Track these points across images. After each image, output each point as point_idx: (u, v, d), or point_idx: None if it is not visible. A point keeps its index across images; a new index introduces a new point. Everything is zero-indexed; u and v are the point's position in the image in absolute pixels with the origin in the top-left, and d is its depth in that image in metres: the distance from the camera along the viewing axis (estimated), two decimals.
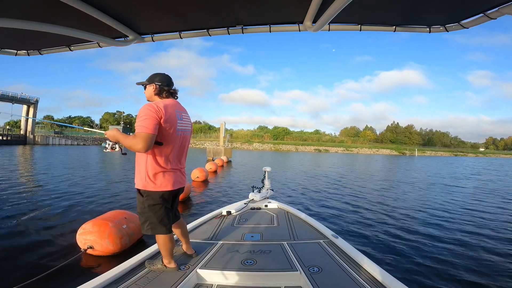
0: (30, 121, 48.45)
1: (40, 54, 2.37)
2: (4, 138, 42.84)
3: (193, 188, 8.39)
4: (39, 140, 47.48)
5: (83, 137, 55.89)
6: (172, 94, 2.01)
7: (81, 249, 3.52)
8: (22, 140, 45.84)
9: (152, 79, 1.96)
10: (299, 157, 36.02)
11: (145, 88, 2.00)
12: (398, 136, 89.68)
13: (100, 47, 2.28)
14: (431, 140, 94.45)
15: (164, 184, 1.85)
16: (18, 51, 2.33)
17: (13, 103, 46.80)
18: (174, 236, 2.28)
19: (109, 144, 1.89)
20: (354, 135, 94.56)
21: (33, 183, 9.02)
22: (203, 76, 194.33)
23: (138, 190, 1.88)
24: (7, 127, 56.95)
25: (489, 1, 1.66)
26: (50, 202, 6.43)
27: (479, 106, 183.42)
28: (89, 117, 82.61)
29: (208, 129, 79.59)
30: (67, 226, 4.67)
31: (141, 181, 1.85)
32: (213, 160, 18.62)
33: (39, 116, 57.17)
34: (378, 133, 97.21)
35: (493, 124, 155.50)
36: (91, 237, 3.50)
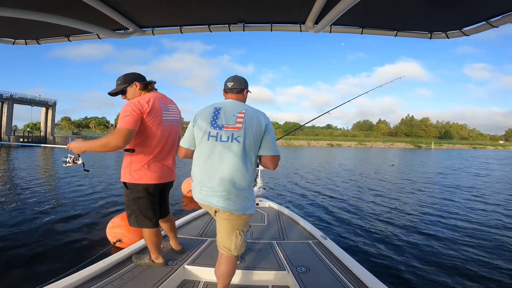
0: (49, 122, 50.07)
1: (38, 43, 2.36)
2: (25, 140, 44.46)
3: None
4: (58, 141, 48.99)
5: (100, 137, 57.05)
6: (153, 86, 2.00)
7: (111, 242, 3.65)
8: (42, 141, 47.41)
9: (130, 80, 1.92)
10: (310, 152, 35.70)
11: (124, 92, 1.94)
12: (413, 129, 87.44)
13: (99, 38, 2.24)
14: (448, 132, 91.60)
15: (149, 176, 1.82)
16: (16, 40, 2.32)
17: (32, 106, 48.43)
18: (163, 232, 2.28)
19: (70, 158, 1.77)
20: (367, 129, 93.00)
21: (64, 182, 9.35)
22: (207, 76, 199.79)
23: (124, 183, 1.86)
24: (27, 129, 59.10)
25: (493, 9, 1.63)
26: (81, 198, 6.71)
27: (486, 98, 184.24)
28: (104, 117, 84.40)
29: None
30: (98, 221, 4.90)
31: (126, 174, 1.84)
32: None
33: (57, 118, 59.00)
34: (392, 126, 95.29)
35: (506, 116, 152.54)
36: (120, 231, 3.63)
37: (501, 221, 5.29)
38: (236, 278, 1.97)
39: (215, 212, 1.65)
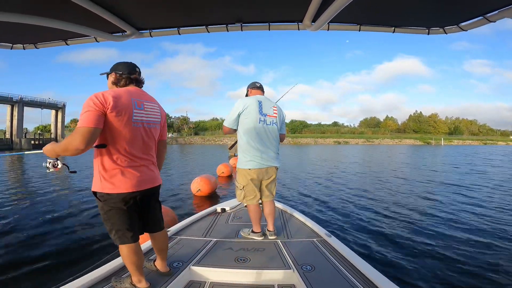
0: (59, 124, 50.96)
1: (36, 48, 2.35)
2: (36, 143, 45.26)
3: (219, 184, 8.52)
4: None
5: None
6: (134, 81, 1.74)
7: None
8: None
9: (114, 68, 1.74)
10: (315, 150, 35.49)
11: (107, 78, 1.78)
12: (421, 125, 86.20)
13: (97, 41, 2.25)
14: (458, 128, 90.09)
15: (125, 184, 1.56)
16: (14, 45, 2.31)
17: (42, 109, 49.42)
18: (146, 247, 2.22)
19: (49, 163, 1.58)
20: (374, 126, 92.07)
21: (74, 180, 9.48)
22: (209, 77, 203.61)
23: (95, 193, 1.58)
24: (38, 131, 60.24)
25: (490, 4, 1.63)
26: (91, 196, 6.74)
27: (491, 94, 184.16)
28: None
29: None
30: None
31: (97, 182, 1.57)
32: (235, 155, 18.78)
33: (67, 120, 60.04)
34: (399, 123, 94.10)
35: None
36: None
37: None
38: (242, 278, 1.98)
39: (267, 172, 2.61)
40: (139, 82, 1.77)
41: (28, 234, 4.21)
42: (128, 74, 1.71)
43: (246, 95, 2.81)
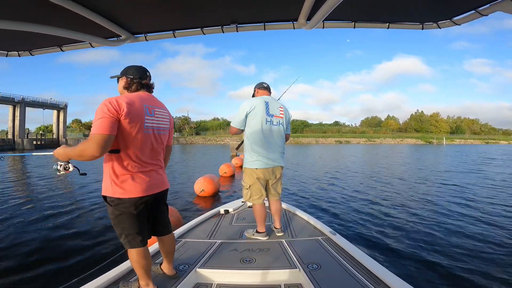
0: (61, 125, 51.12)
1: (31, 55, 2.36)
2: (38, 143, 45.48)
3: (221, 184, 8.51)
4: (71, 143, 49.90)
5: None
6: (145, 86, 1.75)
7: None
8: (55, 144, 48.34)
9: (124, 72, 1.74)
10: (317, 150, 35.46)
11: (118, 82, 1.79)
12: (423, 125, 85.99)
13: (92, 47, 2.24)
14: (459, 127, 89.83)
15: (135, 189, 1.58)
16: (9, 52, 2.32)
17: (44, 109, 49.63)
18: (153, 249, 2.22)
19: (60, 165, 1.58)
20: (375, 125, 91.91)
21: (81, 181, 9.50)
22: (210, 77, 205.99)
23: (105, 197, 1.60)
24: (40, 132, 60.44)
25: None
26: (99, 197, 6.74)
27: (492, 93, 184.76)
28: None
29: (227, 125, 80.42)
30: None
31: (107, 187, 1.58)
32: (237, 155, 18.77)
33: (69, 120, 60.24)
34: (401, 122, 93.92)
35: None
36: None
37: None
38: (248, 279, 1.98)
39: (273, 172, 2.67)
40: (149, 87, 1.78)
41: (32, 236, 4.20)
42: (139, 78, 1.72)
43: (253, 95, 2.81)
